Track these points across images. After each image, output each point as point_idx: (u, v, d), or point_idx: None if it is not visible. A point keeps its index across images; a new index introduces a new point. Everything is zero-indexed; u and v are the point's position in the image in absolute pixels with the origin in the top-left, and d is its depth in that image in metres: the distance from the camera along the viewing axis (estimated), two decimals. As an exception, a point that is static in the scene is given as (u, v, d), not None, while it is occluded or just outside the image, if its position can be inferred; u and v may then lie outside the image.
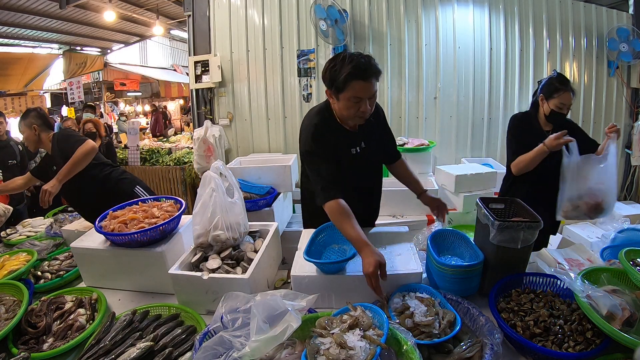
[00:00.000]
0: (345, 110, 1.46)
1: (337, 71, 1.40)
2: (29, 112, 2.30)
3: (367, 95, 1.42)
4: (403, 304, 1.23)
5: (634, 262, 1.26)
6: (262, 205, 2.53)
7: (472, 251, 1.49)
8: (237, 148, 4.22)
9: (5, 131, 3.64)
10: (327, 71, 1.45)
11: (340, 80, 1.39)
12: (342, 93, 1.42)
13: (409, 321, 1.15)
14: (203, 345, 1.03)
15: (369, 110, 1.46)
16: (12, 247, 2.18)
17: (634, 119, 4.03)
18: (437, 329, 1.11)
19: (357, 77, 1.38)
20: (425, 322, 1.12)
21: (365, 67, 1.38)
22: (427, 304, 1.20)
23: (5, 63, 7.68)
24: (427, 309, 1.18)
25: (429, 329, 1.11)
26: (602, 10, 3.92)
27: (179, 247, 1.66)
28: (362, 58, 1.39)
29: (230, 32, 4.00)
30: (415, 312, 1.17)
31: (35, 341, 1.27)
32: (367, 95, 1.42)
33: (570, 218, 1.93)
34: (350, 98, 1.42)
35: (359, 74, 1.37)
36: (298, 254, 1.51)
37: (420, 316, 1.15)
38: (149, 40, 11.52)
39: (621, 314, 1.06)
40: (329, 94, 1.49)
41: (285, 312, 1.03)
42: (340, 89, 1.41)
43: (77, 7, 6.87)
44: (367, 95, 1.42)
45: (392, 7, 3.82)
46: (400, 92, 3.95)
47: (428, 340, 1.09)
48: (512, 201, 1.61)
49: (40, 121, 2.28)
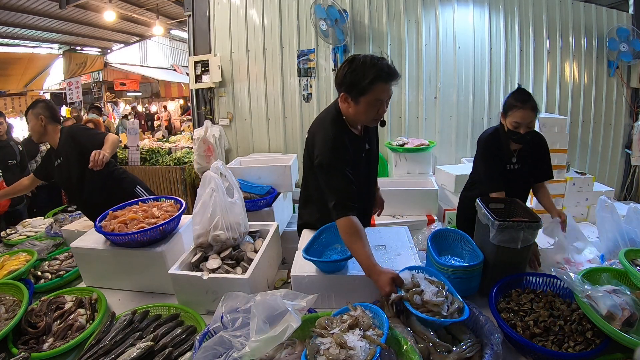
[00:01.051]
0: (364, 114, 1.46)
1: (360, 74, 1.38)
2: (37, 102, 2.27)
3: (387, 97, 1.44)
4: (412, 282, 1.22)
5: (634, 262, 1.26)
6: (262, 205, 2.54)
7: (472, 251, 1.49)
8: (237, 148, 4.22)
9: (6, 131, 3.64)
10: (347, 75, 1.42)
11: (365, 83, 1.38)
12: (365, 96, 1.41)
13: (418, 298, 1.14)
14: (203, 345, 1.03)
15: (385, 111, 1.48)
16: (12, 247, 2.18)
17: (634, 119, 4.03)
18: (445, 312, 1.11)
19: (382, 79, 1.38)
20: (435, 302, 1.12)
21: (388, 70, 1.39)
22: (437, 286, 1.20)
23: (5, 63, 7.68)
24: (437, 290, 1.17)
25: (437, 309, 1.11)
26: (602, 10, 3.91)
27: (179, 247, 1.66)
28: (382, 61, 1.40)
29: (230, 32, 4.00)
30: (425, 291, 1.16)
31: (35, 341, 1.27)
32: (387, 97, 1.44)
33: None
34: (373, 101, 1.41)
35: (383, 76, 1.38)
36: (298, 254, 1.51)
37: (430, 295, 1.14)
38: (149, 40, 11.51)
39: (621, 314, 1.06)
40: (345, 97, 1.46)
41: (285, 312, 1.03)
42: (363, 92, 1.40)
43: (77, 7, 6.87)
44: (387, 97, 1.44)
45: (392, 7, 3.82)
46: (400, 92, 3.95)
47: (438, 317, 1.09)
48: (512, 201, 1.61)
49: (48, 113, 2.24)
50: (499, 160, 1.91)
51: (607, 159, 4.14)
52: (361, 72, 1.38)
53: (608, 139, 4.10)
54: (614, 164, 4.18)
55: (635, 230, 1.59)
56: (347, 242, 1.36)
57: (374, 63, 1.38)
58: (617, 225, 1.62)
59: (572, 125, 3.97)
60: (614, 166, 4.18)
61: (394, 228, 1.76)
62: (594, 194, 3.51)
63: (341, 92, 1.47)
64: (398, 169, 3.48)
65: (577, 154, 4.06)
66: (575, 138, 4.00)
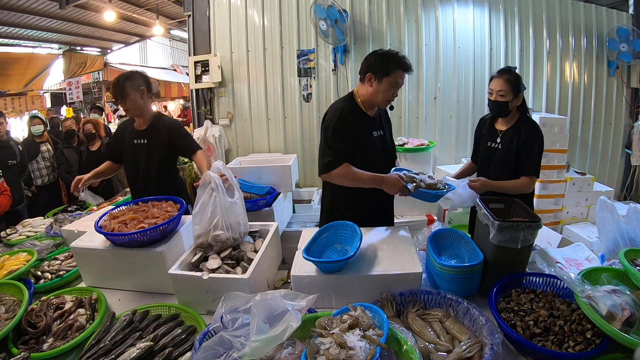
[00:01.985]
0: (382, 93, 1.76)
1: (389, 59, 1.74)
2: (133, 73, 2.14)
3: (401, 84, 1.79)
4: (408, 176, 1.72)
5: (634, 262, 1.26)
6: (262, 205, 2.53)
7: (472, 251, 1.49)
8: (237, 148, 4.22)
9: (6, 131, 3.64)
10: (379, 57, 1.75)
11: (391, 67, 1.72)
12: (388, 77, 1.73)
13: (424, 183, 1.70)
14: (203, 345, 1.03)
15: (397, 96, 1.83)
16: (12, 247, 2.18)
17: (634, 119, 4.03)
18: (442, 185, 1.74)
19: (403, 67, 1.74)
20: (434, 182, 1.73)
21: (407, 62, 1.76)
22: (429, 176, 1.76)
23: (5, 63, 7.67)
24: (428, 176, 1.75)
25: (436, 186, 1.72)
26: (602, 10, 3.91)
27: (179, 247, 1.66)
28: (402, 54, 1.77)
29: (230, 32, 4.00)
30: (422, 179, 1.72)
31: (35, 341, 1.27)
32: (402, 83, 1.79)
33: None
34: (393, 82, 1.75)
35: (405, 65, 1.75)
36: (298, 254, 1.51)
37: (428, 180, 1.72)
38: (149, 40, 11.51)
39: (621, 314, 1.06)
40: (370, 77, 1.76)
41: (285, 312, 1.03)
42: (387, 72, 1.73)
43: (77, 7, 6.87)
44: (401, 84, 1.79)
45: (392, 7, 3.82)
46: (400, 92, 3.89)
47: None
48: (512, 201, 1.61)
49: (147, 85, 2.13)
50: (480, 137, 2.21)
51: (607, 159, 4.14)
52: (390, 58, 1.74)
53: (608, 139, 4.10)
54: (614, 164, 4.17)
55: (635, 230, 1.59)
56: (351, 179, 1.74)
57: (395, 54, 1.76)
58: (617, 225, 1.61)
59: (572, 125, 3.96)
60: (614, 166, 4.18)
61: (393, 228, 1.76)
62: (594, 194, 3.51)
63: (368, 73, 1.77)
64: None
65: (577, 154, 4.06)
66: (575, 138, 3.99)
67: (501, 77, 1.98)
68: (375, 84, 1.76)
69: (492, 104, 2.03)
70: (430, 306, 1.30)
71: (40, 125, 4.15)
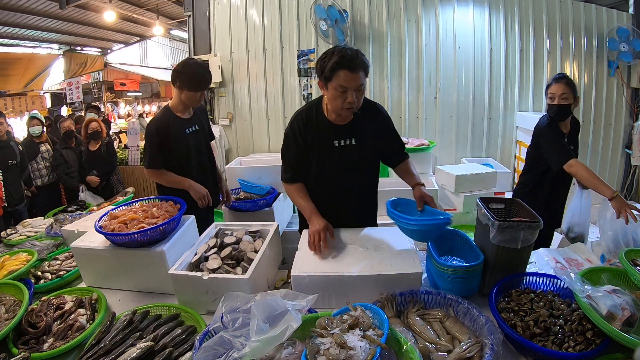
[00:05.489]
0: (333, 101, 1.54)
1: (326, 61, 1.49)
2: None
3: (352, 86, 1.48)
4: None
5: (634, 262, 1.26)
6: (262, 205, 2.54)
7: (472, 251, 1.48)
8: (237, 148, 4.22)
9: (6, 131, 3.64)
10: (318, 62, 1.54)
11: (328, 69, 1.47)
12: (330, 82, 1.49)
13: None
14: (203, 345, 1.03)
15: (356, 101, 1.51)
16: (12, 247, 2.18)
17: (634, 119, 4.03)
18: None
19: (343, 66, 1.45)
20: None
21: (351, 58, 1.45)
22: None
23: (5, 63, 7.68)
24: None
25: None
26: (602, 10, 3.92)
27: (179, 247, 1.66)
28: (349, 50, 1.48)
29: (230, 32, 4.00)
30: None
31: (35, 341, 1.27)
32: (352, 85, 1.48)
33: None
34: (337, 87, 1.48)
35: (345, 63, 1.45)
36: (298, 254, 1.51)
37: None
38: (149, 40, 11.52)
39: (621, 314, 1.06)
40: (320, 85, 1.57)
41: (285, 312, 1.03)
42: (328, 78, 1.49)
43: (77, 7, 6.87)
44: (353, 86, 1.48)
45: (392, 7, 3.83)
46: (400, 92, 3.95)
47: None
48: (512, 201, 1.61)
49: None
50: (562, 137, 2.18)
51: (607, 159, 4.14)
52: (328, 60, 1.48)
53: (608, 139, 4.10)
54: (614, 164, 4.18)
55: (636, 230, 1.59)
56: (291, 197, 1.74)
57: (338, 52, 1.48)
58: (617, 225, 1.62)
59: (572, 125, 3.97)
60: (614, 166, 4.18)
61: (394, 228, 1.75)
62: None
63: (318, 79, 1.58)
64: (398, 169, 3.47)
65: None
66: (575, 138, 4.00)
67: (561, 81, 2.08)
68: (324, 91, 1.56)
69: (555, 108, 2.11)
70: (431, 306, 1.30)
71: (38, 127, 4.13)
